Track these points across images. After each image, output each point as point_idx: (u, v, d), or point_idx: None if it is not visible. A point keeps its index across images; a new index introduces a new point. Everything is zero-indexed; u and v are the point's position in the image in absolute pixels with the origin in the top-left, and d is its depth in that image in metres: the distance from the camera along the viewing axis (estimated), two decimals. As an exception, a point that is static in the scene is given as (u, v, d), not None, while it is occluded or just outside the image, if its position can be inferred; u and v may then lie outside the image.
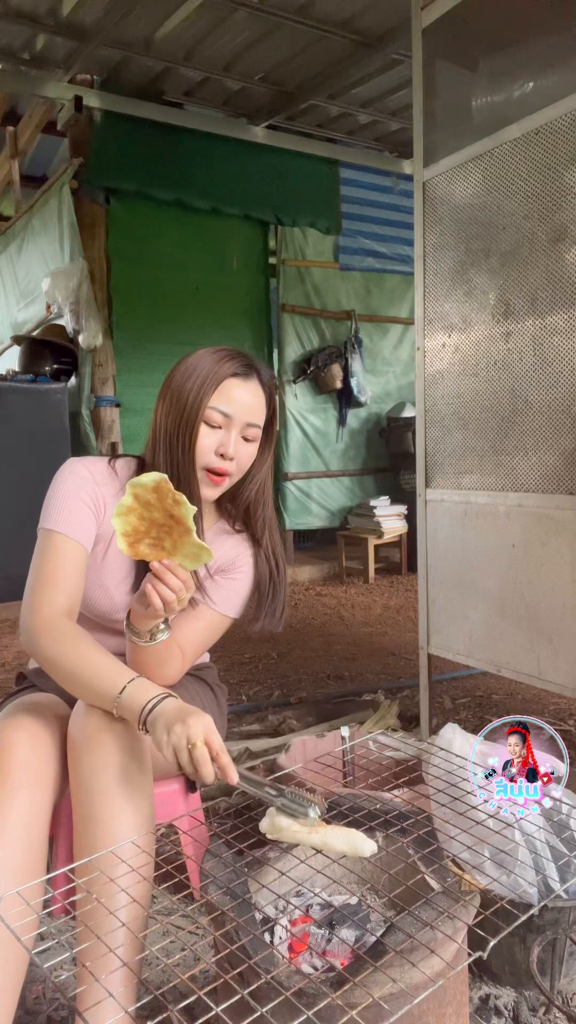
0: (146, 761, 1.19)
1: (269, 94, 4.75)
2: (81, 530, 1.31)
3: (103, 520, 1.34)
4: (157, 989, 1.25)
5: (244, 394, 1.32)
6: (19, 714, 1.24)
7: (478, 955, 0.83)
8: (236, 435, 1.32)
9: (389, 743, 1.83)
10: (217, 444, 1.31)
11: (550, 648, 1.89)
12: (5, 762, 1.16)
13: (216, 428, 1.31)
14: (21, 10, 3.80)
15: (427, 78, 2.19)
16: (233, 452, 1.32)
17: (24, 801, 1.14)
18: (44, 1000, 1.36)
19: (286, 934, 1.06)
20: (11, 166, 5.43)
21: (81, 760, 1.15)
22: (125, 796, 1.13)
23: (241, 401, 1.32)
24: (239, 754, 2.30)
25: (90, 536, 1.33)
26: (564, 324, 1.81)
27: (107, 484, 1.36)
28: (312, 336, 5.69)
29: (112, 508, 1.32)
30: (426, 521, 2.25)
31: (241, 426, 1.32)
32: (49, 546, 1.30)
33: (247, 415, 1.32)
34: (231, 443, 1.31)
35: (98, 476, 1.36)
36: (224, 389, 1.30)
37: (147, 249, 4.87)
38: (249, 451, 1.36)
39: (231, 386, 1.31)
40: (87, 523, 1.32)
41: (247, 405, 1.32)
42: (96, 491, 1.34)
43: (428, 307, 2.22)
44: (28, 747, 1.18)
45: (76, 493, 1.33)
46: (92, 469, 1.37)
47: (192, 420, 1.30)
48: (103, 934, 1.02)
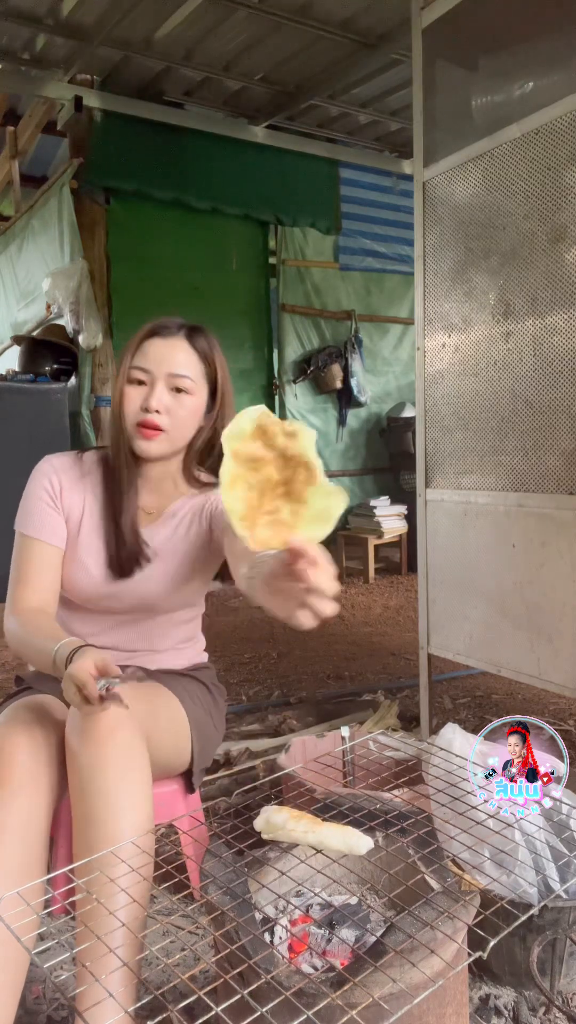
0: (145, 761, 1.19)
1: (269, 94, 4.75)
2: (46, 529, 1.40)
3: (62, 503, 1.41)
4: (157, 989, 1.25)
5: (161, 348, 1.36)
6: (18, 717, 1.25)
7: (478, 955, 0.83)
8: (161, 387, 1.34)
9: (389, 743, 1.83)
10: (142, 400, 1.35)
11: (550, 648, 1.89)
12: (5, 765, 1.16)
13: (140, 385, 1.35)
14: (21, 10, 3.80)
15: (427, 78, 2.19)
16: (157, 403, 1.34)
17: (24, 803, 1.14)
18: (44, 1000, 1.36)
19: (286, 934, 1.06)
20: (11, 166, 5.43)
21: (79, 761, 1.16)
22: (124, 796, 1.13)
23: (158, 354, 1.35)
24: (239, 754, 2.30)
25: (56, 531, 1.41)
26: (564, 324, 1.81)
27: (66, 471, 1.44)
28: (312, 336, 5.69)
29: (69, 490, 1.42)
30: (426, 521, 2.25)
31: (164, 377, 1.35)
32: (19, 548, 1.40)
33: (167, 366, 1.35)
34: (154, 396, 1.34)
35: (58, 464, 1.44)
36: (142, 348, 1.36)
37: (147, 249, 4.87)
38: (186, 404, 1.37)
39: (148, 344, 1.36)
40: (48, 520, 1.40)
41: (165, 357, 1.35)
42: (53, 479, 1.42)
43: (428, 307, 2.22)
44: (28, 750, 1.19)
45: (36, 493, 1.42)
46: (55, 462, 1.45)
47: (119, 385, 1.36)
48: (103, 934, 1.02)
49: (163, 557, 1.44)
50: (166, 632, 1.51)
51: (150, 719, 1.28)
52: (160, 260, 4.94)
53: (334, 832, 1.04)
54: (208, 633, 1.65)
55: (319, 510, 0.84)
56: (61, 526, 1.41)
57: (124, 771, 1.14)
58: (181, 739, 1.40)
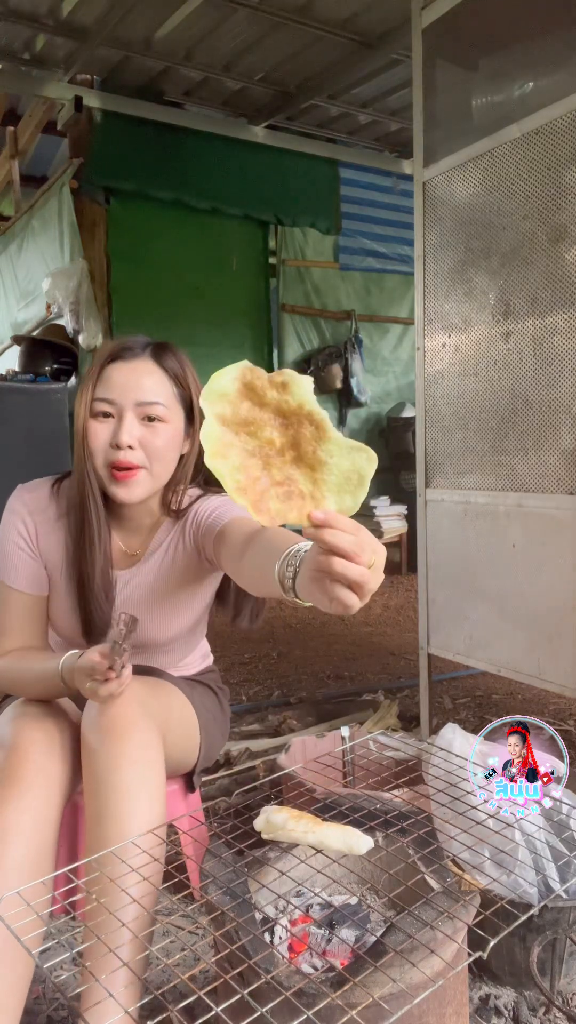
0: (160, 759, 1.18)
1: (269, 94, 4.75)
2: (23, 578, 1.31)
3: (39, 549, 1.32)
4: (157, 989, 1.25)
5: (125, 373, 1.22)
6: (30, 711, 1.24)
7: (478, 955, 0.83)
8: (130, 419, 1.20)
9: (389, 743, 1.83)
10: (109, 435, 1.21)
11: (550, 648, 1.89)
12: (21, 762, 1.15)
13: (106, 419, 1.21)
14: (21, 10, 3.79)
15: (427, 78, 2.19)
16: (128, 439, 1.19)
17: (35, 801, 1.14)
18: (44, 1000, 1.36)
19: (286, 934, 1.06)
20: (11, 166, 5.42)
21: (97, 755, 1.14)
22: (140, 793, 1.12)
23: (122, 381, 1.21)
24: (239, 754, 2.30)
25: (35, 579, 1.32)
26: (564, 324, 1.81)
27: (41, 512, 1.33)
28: (312, 336, 5.68)
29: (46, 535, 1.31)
30: (426, 521, 2.25)
31: (131, 407, 1.20)
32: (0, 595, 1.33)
33: (134, 394, 1.20)
34: (124, 429, 1.19)
35: (32, 504, 1.33)
36: (104, 376, 1.22)
37: (147, 249, 4.87)
38: (161, 433, 1.22)
39: (111, 370, 1.22)
40: (25, 569, 1.31)
41: (130, 384, 1.21)
42: (28, 523, 1.32)
43: (428, 307, 2.22)
44: (43, 747, 1.18)
45: (11, 538, 1.32)
46: (29, 501, 1.33)
47: (81, 419, 1.22)
48: (107, 933, 1.01)
49: (152, 597, 1.36)
50: (169, 658, 1.48)
51: (165, 718, 1.27)
52: (160, 260, 4.94)
53: (334, 832, 1.04)
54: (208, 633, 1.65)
55: (345, 472, 0.71)
56: (40, 573, 1.32)
57: (141, 768, 1.14)
58: (191, 739, 1.39)
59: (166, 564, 1.34)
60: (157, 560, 1.35)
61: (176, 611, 1.39)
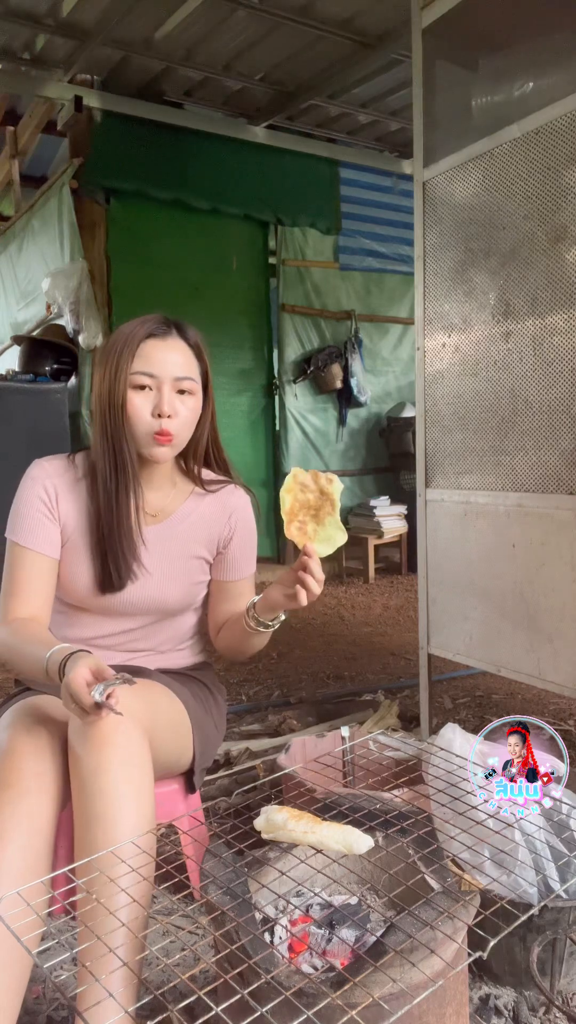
0: (146, 761, 1.19)
1: (269, 94, 4.75)
2: (39, 539, 1.37)
3: (59, 511, 1.39)
4: (157, 989, 1.25)
5: (164, 351, 1.34)
6: (22, 720, 1.25)
7: (478, 955, 0.83)
8: (169, 392, 1.34)
9: (389, 743, 1.83)
10: (152, 406, 1.33)
11: (550, 648, 1.89)
12: (13, 767, 1.17)
13: (147, 391, 1.33)
14: (21, 10, 3.79)
15: (427, 78, 2.19)
16: (169, 409, 1.33)
17: (29, 806, 1.14)
18: (44, 1000, 1.36)
19: (286, 934, 1.06)
20: (11, 166, 5.42)
21: (82, 761, 1.16)
22: (126, 796, 1.13)
23: (162, 359, 1.33)
24: (239, 754, 2.30)
25: (50, 540, 1.38)
26: (564, 324, 1.81)
27: (61, 475, 1.41)
28: (312, 336, 5.68)
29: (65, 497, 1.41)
30: (426, 521, 2.25)
31: (170, 382, 1.34)
32: (11, 557, 1.38)
33: (173, 370, 1.34)
34: (165, 401, 1.33)
35: (52, 469, 1.42)
36: (143, 352, 1.33)
37: (147, 249, 4.87)
38: (190, 405, 1.37)
39: (149, 347, 1.34)
40: (42, 529, 1.38)
41: (169, 361, 1.34)
42: (48, 486, 1.39)
43: (428, 307, 2.22)
44: (33, 753, 1.19)
45: (30, 501, 1.39)
46: (48, 467, 1.42)
47: (119, 390, 1.33)
48: (104, 934, 1.01)
49: (166, 559, 1.43)
50: (170, 633, 1.51)
51: (152, 719, 1.28)
52: (160, 260, 4.94)
53: (334, 832, 1.04)
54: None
55: (328, 535, 1.25)
56: (56, 535, 1.39)
57: (126, 771, 1.14)
58: (183, 739, 1.40)
59: (190, 532, 1.46)
60: (183, 526, 1.46)
61: (191, 576, 1.47)
